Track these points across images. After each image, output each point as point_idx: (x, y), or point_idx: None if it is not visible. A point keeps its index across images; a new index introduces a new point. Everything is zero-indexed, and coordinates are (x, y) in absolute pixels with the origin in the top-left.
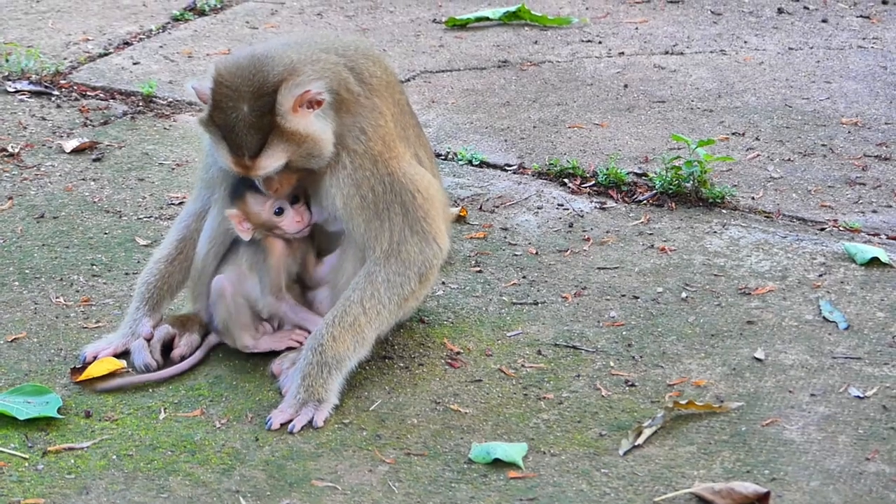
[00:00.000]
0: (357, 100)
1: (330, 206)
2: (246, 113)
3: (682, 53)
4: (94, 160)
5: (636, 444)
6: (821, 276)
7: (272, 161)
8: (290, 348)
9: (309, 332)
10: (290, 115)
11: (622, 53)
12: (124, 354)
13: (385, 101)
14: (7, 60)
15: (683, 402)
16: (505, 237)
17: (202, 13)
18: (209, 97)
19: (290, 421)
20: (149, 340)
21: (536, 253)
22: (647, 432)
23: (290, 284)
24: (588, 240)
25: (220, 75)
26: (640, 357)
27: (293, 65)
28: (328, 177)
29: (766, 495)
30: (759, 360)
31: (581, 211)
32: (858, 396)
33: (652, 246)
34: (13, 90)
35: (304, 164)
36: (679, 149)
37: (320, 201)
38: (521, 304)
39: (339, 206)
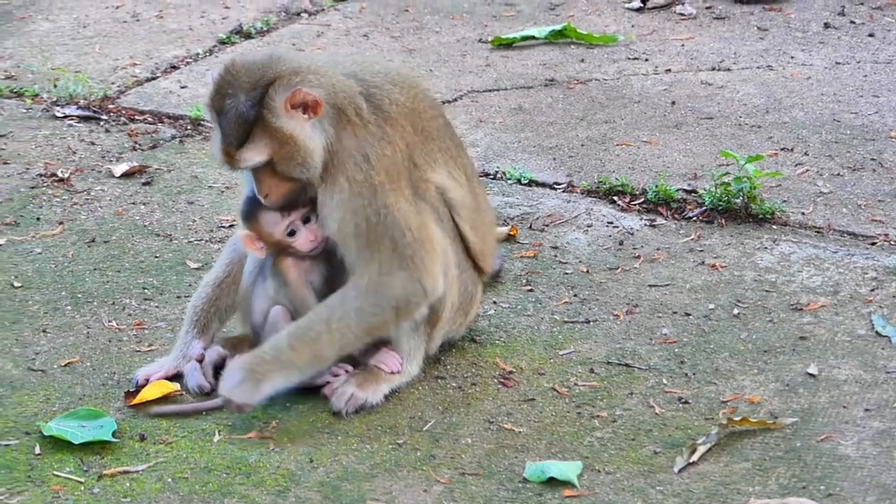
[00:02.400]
0: (366, 125)
1: (325, 224)
2: (239, 101)
3: (728, 69)
4: (144, 184)
5: (691, 461)
6: (872, 290)
7: (253, 154)
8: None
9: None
10: (279, 112)
11: (669, 70)
12: (177, 378)
13: (400, 130)
14: (55, 86)
15: (737, 418)
16: (555, 255)
17: (248, 36)
18: (214, 82)
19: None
20: (200, 362)
21: (587, 271)
22: (701, 449)
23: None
24: (639, 257)
25: (231, 63)
26: (693, 374)
27: (298, 68)
28: (325, 196)
29: None
30: (812, 375)
31: (631, 228)
32: None
33: (703, 262)
34: (62, 115)
35: (289, 169)
36: (728, 165)
37: (321, 210)
38: (572, 322)
39: (332, 229)
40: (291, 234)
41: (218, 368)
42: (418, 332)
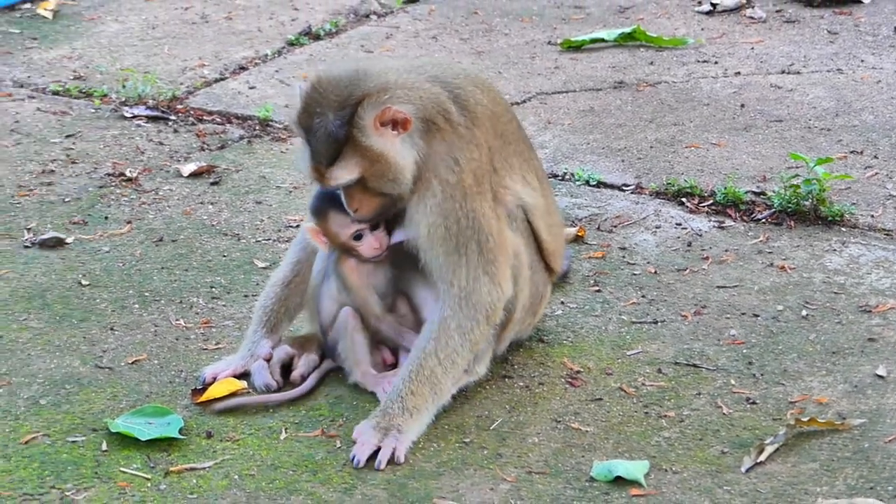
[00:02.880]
0: (455, 129)
1: (413, 232)
2: (329, 120)
3: (798, 73)
4: (212, 184)
5: (758, 461)
6: None
7: (345, 173)
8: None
9: None
10: (369, 131)
11: (738, 73)
12: (244, 376)
13: (485, 132)
14: (124, 86)
15: (805, 419)
16: (623, 256)
17: (317, 37)
18: (301, 98)
19: (376, 456)
20: (268, 361)
21: (655, 272)
22: (769, 449)
23: (391, 304)
24: (707, 258)
25: (317, 80)
26: (761, 375)
27: (386, 84)
28: (416, 203)
29: None
30: (881, 377)
31: (699, 230)
32: None
33: (771, 264)
34: (130, 115)
35: (380, 185)
36: (797, 168)
37: (404, 226)
38: (640, 323)
39: (422, 234)
40: (357, 237)
41: (286, 367)
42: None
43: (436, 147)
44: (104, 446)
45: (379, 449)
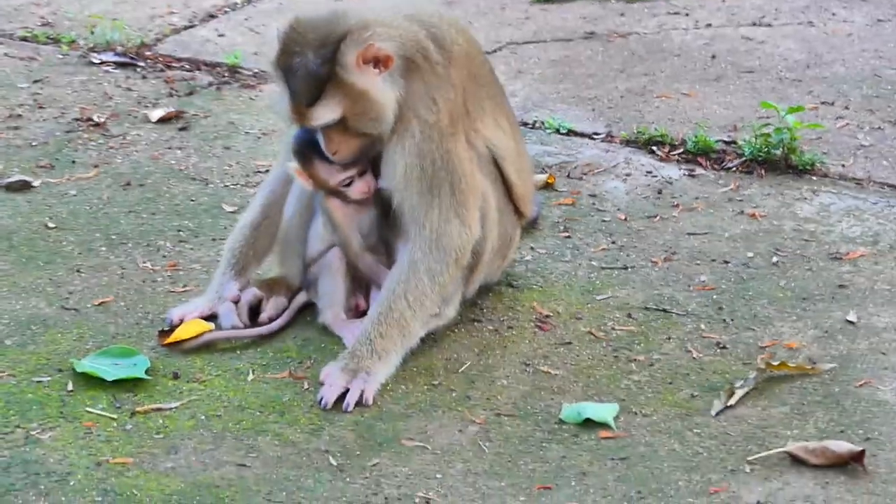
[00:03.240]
0: (433, 68)
1: (389, 173)
2: (309, 59)
3: (769, 25)
4: (180, 129)
5: (728, 404)
6: None
7: (327, 112)
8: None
9: None
10: (351, 69)
11: (709, 25)
12: (211, 318)
13: (460, 73)
14: (92, 33)
15: (775, 363)
16: (593, 203)
17: None
18: (279, 40)
19: (344, 398)
20: (236, 303)
21: (625, 219)
22: (739, 393)
23: (372, 244)
24: (677, 206)
25: (296, 21)
26: (731, 320)
27: (366, 22)
28: (395, 143)
29: (861, 454)
30: (851, 322)
31: (670, 178)
32: None
33: (742, 212)
34: (98, 62)
35: (361, 125)
36: (768, 118)
37: (381, 168)
38: (610, 268)
39: (398, 175)
40: (348, 184)
41: (253, 310)
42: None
43: (414, 86)
44: (70, 386)
45: (347, 391)
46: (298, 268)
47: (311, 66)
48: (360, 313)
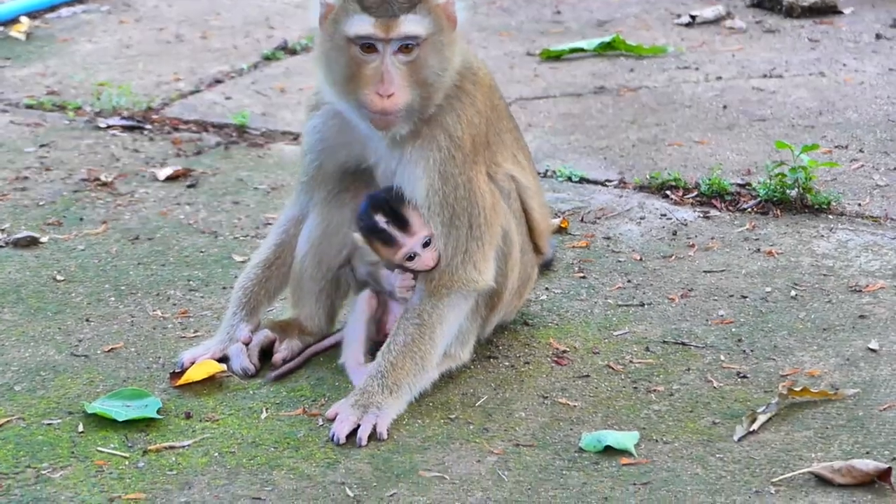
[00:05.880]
0: (465, 87)
1: (409, 181)
2: None
3: (780, 77)
4: (189, 186)
5: (751, 430)
6: None
7: (415, 25)
8: None
9: None
10: (439, 2)
11: (720, 78)
12: (223, 360)
13: (485, 101)
14: (98, 98)
15: (798, 389)
16: (608, 245)
17: (293, 52)
18: None
19: (355, 433)
20: (247, 345)
21: (640, 259)
22: (761, 418)
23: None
24: (693, 246)
25: None
26: (752, 351)
27: None
28: (420, 148)
29: (888, 471)
30: (873, 350)
31: (684, 220)
32: None
33: (758, 250)
34: (105, 126)
35: (427, 67)
36: (782, 163)
37: (402, 178)
38: (626, 305)
39: (419, 192)
40: (412, 258)
41: (265, 351)
42: (474, 316)
43: (449, 97)
44: (80, 428)
45: (359, 426)
46: (312, 309)
47: None
48: (385, 336)
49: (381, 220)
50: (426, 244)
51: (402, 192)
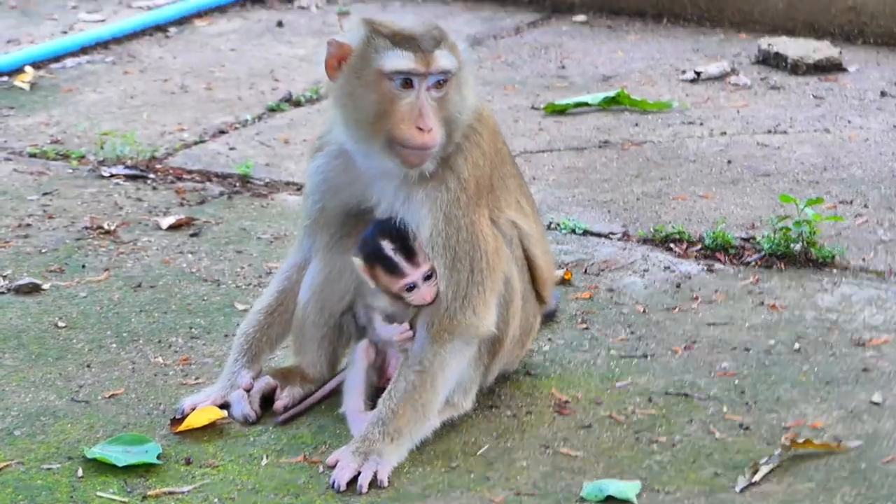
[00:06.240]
0: (472, 129)
1: (415, 218)
2: (432, 23)
3: (785, 133)
4: (191, 235)
5: (753, 481)
6: None
7: (447, 61)
8: None
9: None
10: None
11: (724, 133)
12: (224, 406)
13: (490, 144)
14: (102, 148)
15: (800, 441)
16: (611, 297)
17: (298, 104)
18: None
19: (356, 480)
20: (248, 391)
21: (644, 311)
22: (764, 469)
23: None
24: (696, 299)
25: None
26: (754, 403)
27: None
28: (429, 188)
29: None
30: (876, 403)
31: (688, 273)
32: None
33: (762, 303)
34: (108, 175)
35: (452, 101)
36: (787, 217)
37: (406, 218)
38: (629, 357)
39: (424, 235)
40: (410, 289)
41: (267, 398)
42: (476, 364)
43: (458, 140)
44: (80, 473)
45: (360, 474)
46: (314, 356)
47: (435, 26)
48: (387, 380)
49: (387, 246)
50: (427, 277)
51: (406, 224)
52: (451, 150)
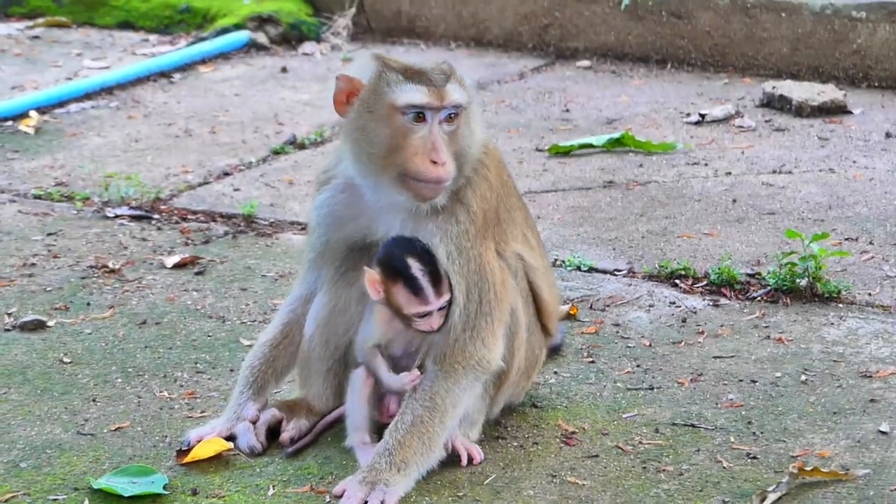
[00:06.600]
0: (479, 163)
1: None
2: (440, 59)
3: (790, 172)
4: (196, 273)
5: None
6: None
7: (458, 95)
8: None
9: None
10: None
11: (729, 173)
12: (230, 438)
13: (496, 177)
14: (107, 189)
15: (808, 469)
16: (617, 331)
17: (302, 147)
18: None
19: None
20: (254, 423)
21: (650, 345)
22: (772, 497)
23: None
24: (702, 332)
25: None
26: (762, 433)
27: None
28: (440, 220)
29: None
30: (884, 433)
31: (694, 308)
32: None
33: (768, 337)
34: (112, 215)
35: (462, 133)
36: (793, 252)
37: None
38: (636, 389)
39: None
40: (422, 315)
41: (273, 430)
42: (483, 395)
43: (467, 174)
44: (86, 503)
45: (367, 503)
46: (319, 389)
47: (444, 61)
48: (390, 416)
49: (415, 266)
50: (441, 308)
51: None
52: (461, 183)
